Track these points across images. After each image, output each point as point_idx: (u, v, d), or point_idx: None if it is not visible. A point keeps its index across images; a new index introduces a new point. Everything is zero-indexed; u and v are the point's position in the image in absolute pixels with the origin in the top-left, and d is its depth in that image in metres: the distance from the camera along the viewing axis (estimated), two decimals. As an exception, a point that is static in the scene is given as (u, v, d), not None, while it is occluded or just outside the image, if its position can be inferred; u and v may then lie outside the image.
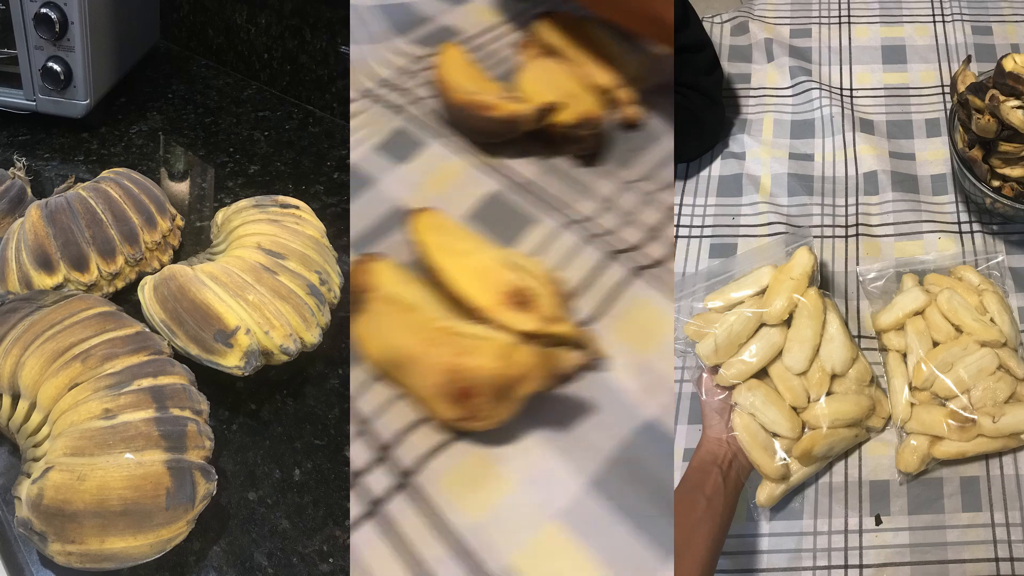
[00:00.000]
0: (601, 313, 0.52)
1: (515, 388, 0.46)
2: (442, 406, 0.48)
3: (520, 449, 0.48)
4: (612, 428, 0.48)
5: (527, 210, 0.57)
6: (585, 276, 0.53)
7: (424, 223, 0.54)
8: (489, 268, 0.51)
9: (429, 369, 0.48)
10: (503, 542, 0.45)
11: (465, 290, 0.50)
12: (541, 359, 0.47)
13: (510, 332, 0.48)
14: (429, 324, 0.49)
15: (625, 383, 0.49)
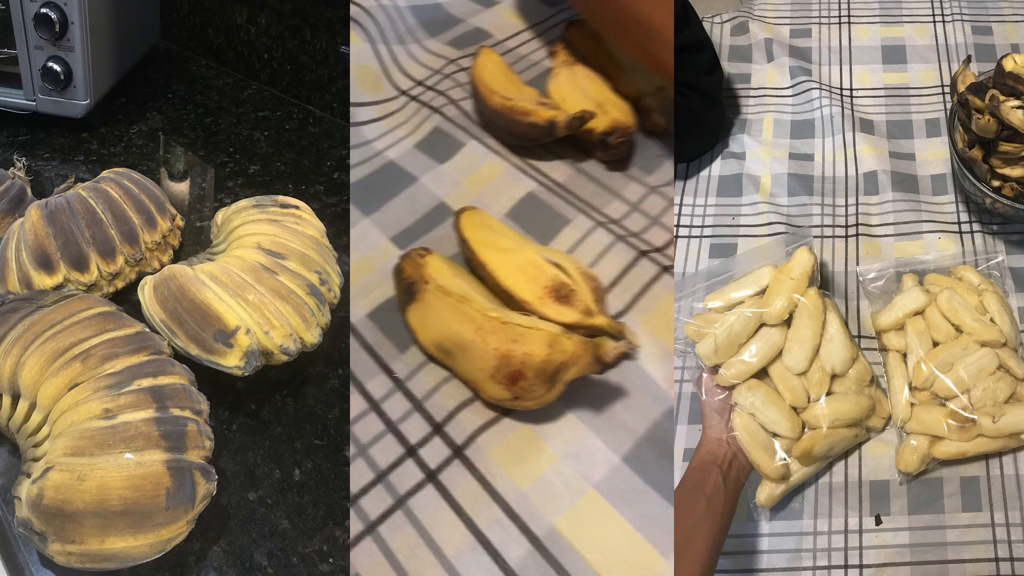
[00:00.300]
0: (630, 307, 0.57)
1: (561, 373, 0.51)
2: (493, 387, 0.53)
3: (561, 427, 0.53)
4: (643, 410, 0.53)
5: (561, 210, 0.62)
6: (616, 273, 0.59)
7: (470, 221, 0.58)
8: (532, 264, 0.55)
9: (483, 354, 0.52)
10: (547, 508, 0.51)
11: (511, 284, 0.55)
12: (586, 348, 0.51)
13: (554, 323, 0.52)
14: (482, 313, 0.53)
15: (653, 371, 0.55)
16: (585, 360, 0.52)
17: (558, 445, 0.53)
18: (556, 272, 0.55)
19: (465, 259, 0.58)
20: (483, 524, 0.51)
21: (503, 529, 0.51)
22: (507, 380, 0.52)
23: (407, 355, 0.57)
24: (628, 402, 0.54)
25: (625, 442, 0.53)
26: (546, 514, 0.51)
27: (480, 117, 0.71)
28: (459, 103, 0.73)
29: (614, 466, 0.52)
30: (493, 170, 0.66)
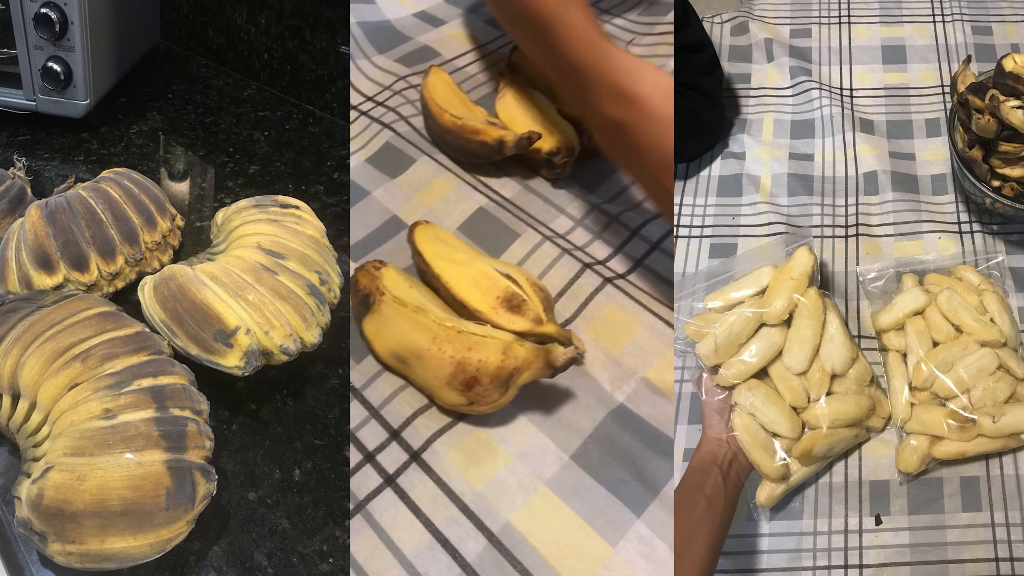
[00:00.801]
0: (576, 315, 0.60)
1: (514, 378, 0.54)
2: (450, 393, 0.55)
3: (514, 429, 0.56)
4: (589, 411, 0.57)
5: (511, 224, 0.65)
6: (563, 284, 0.62)
7: (424, 234, 0.60)
8: (485, 275, 0.58)
9: (439, 362, 0.55)
10: (502, 506, 0.54)
11: (465, 295, 0.57)
12: (537, 354, 0.54)
13: (507, 332, 0.55)
14: (438, 323, 0.55)
15: (598, 374, 0.58)
16: (537, 365, 0.54)
17: (511, 446, 0.56)
18: (508, 283, 0.57)
19: (419, 271, 0.60)
20: (441, 523, 0.53)
21: (460, 527, 0.53)
22: (463, 386, 0.54)
23: (363, 365, 0.60)
24: (575, 404, 0.57)
25: (573, 441, 0.56)
26: (501, 511, 0.54)
27: (431, 134, 0.74)
28: (409, 120, 0.77)
29: (564, 464, 0.55)
30: (444, 185, 0.68)
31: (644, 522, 0.53)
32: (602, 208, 0.66)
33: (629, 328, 0.59)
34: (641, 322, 0.60)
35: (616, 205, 0.66)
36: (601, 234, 0.64)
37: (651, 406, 0.57)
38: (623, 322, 0.59)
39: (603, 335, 0.59)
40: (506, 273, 0.58)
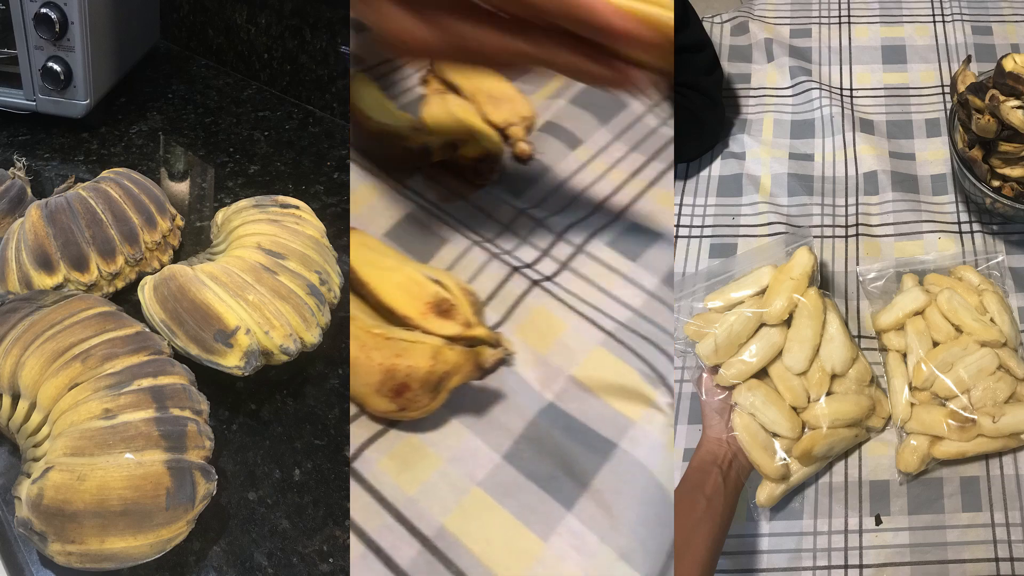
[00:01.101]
0: (505, 319, 0.61)
1: (445, 382, 0.55)
2: (379, 400, 0.55)
3: (445, 433, 0.57)
4: (519, 411, 0.57)
5: (439, 230, 0.66)
6: (492, 288, 0.63)
7: (351, 242, 0.60)
8: (413, 281, 0.58)
9: (368, 369, 0.55)
10: (434, 509, 0.54)
11: (392, 302, 0.57)
12: (467, 356, 0.55)
13: (436, 336, 0.56)
14: (366, 331, 0.55)
15: (527, 374, 0.59)
16: (467, 368, 0.55)
17: (442, 450, 0.57)
18: (436, 288, 0.58)
19: (348, 278, 0.60)
20: (373, 531, 0.53)
21: (393, 534, 0.53)
22: (393, 393, 0.55)
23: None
24: (506, 404, 0.58)
25: (504, 441, 0.57)
26: (434, 515, 0.54)
27: (356, 140, 0.73)
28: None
29: (496, 464, 0.56)
30: (370, 192, 0.68)
31: (575, 516, 0.54)
32: (528, 212, 0.67)
33: (556, 328, 0.60)
34: (567, 322, 0.60)
35: (541, 210, 0.67)
36: (528, 238, 0.65)
37: (579, 402, 0.57)
38: (550, 323, 0.60)
39: (531, 336, 0.60)
40: (435, 278, 0.59)
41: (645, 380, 0.58)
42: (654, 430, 0.56)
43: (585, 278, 0.62)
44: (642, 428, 0.56)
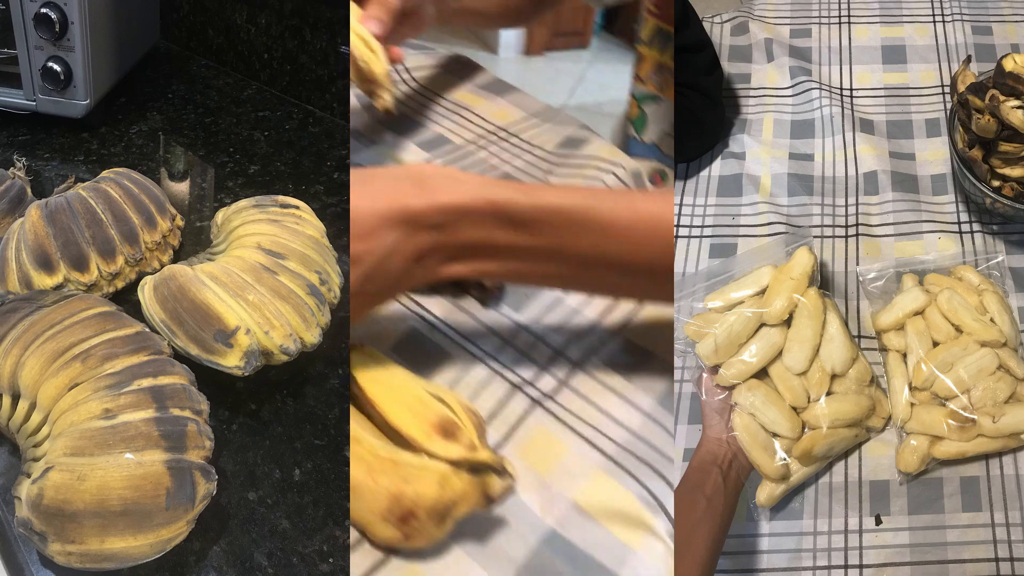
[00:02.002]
0: (507, 439, 0.61)
1: (451, 511, 0.53)
2: (384, 528, 0.54)
3: (447, 562, 0.55)
4: (521, 539, 0.56)
5: (442, 345, 0.66)
6: (493, 406, 0.62)
7: (358, 358, 0.59)
8: (419, 400, 0.57)
9: (374, 495, 0.53)
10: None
11: (399, 422, 0.56)
12: (475, 486, 0.54)
13: (443, 460, 0.54)
14: (371, 453, 0.54)
15: (529, 499, 0.58)
16: (474, 497, 0.54)
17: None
18: (442, 408, 0.57)
19: (351, 396, 0.59)
20: None
21: None
22: (398, 520, 0.53)
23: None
24: (509, 532, 0.57)
25: (507, 571, 0.55)
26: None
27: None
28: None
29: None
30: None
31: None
32: (529, 329, 0.67)
33: (556, 450, 0.60)
34: (568, 444, 0.60)
35: (541, 326, 0.68)
36: (528, 354, 0.65)
37: (580, 530, 0.56)
38: (551, 444, 0.60)
39: (532, 457, 0.60)
40: (439, 396, 0.58)
41: (644, 506, 0.57)
42: (654, 561, 0.55)
43: (584, 397, 0.63)
44: (641, 558, 0.55)
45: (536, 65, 2.97)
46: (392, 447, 0.55)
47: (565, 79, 2.91)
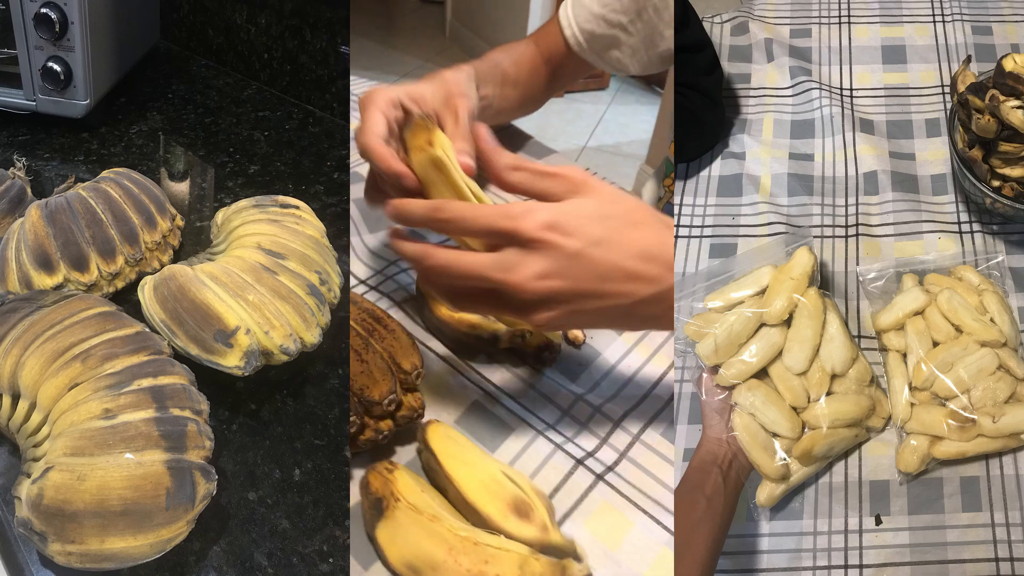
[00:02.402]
0: (571, 511, 0.61)
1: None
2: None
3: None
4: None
5: (504, 419, 0.66)
6: (557, 481, 0.62)
7: (436, 433, 0.60)
8: (493, 479, 0.58)
9: (455, 575, 0.53)
10: None
11: (477, 500, 0.57)
12: (554, 570, 0.54)
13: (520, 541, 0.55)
14: (453, 533, 0.54)
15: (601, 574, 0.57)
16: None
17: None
18: (515, 488, 0.57)
19: (428, 470, 0.60)
20: None
21: None
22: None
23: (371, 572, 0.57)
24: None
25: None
26: None
27: (426, 323, 0.73)
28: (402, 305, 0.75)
29: None
30: (440, 378, 0.69)
31: None
32: (585, 399, 0.68)
33: (623, 526, 0.60)
34: (634, 520, 0.60)
35: (597, 395, 0.68)
36: (587, 424, 0.65)
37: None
38: (617, 520, 0.60)
39: (600, 532, 0.59)
40: (510, 476, 0.58)
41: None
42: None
43: (644, 469, 0.63)
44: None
45: (556, 107, 2.96)
46: (470, 527, 0.56)
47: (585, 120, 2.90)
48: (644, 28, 0.84)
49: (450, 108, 0.68)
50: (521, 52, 0.86)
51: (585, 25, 0.85)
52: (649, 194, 0.99)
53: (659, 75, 2.72)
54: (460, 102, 0.68)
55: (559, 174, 0.56)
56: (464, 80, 0.73)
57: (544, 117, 2.80)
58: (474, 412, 0.66)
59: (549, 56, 0.88)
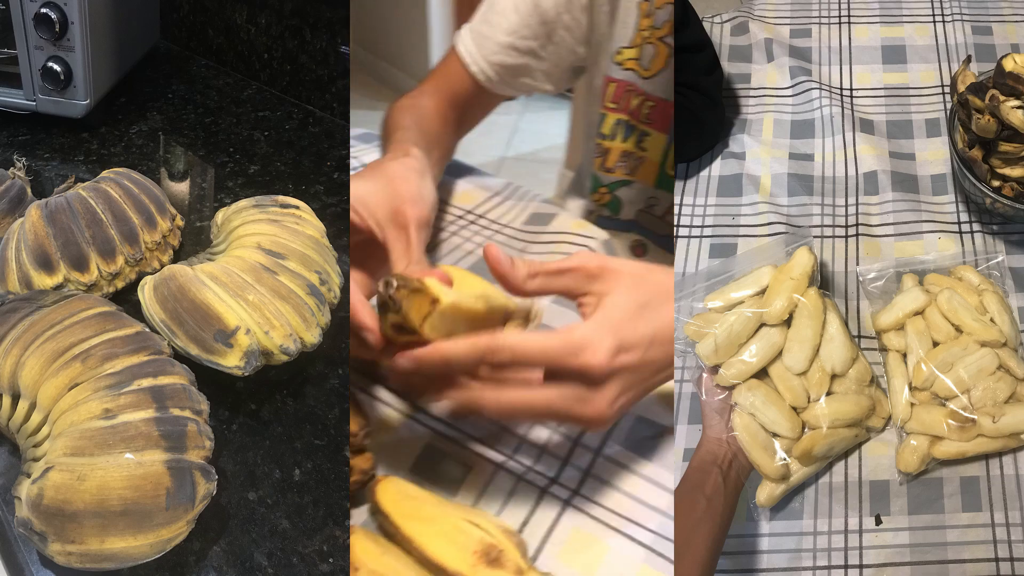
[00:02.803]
0: (543, 545, 0.58)
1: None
2: None
3: None
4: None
5: (459, 457, 0.62)
6: (525, 515, 0.59)
7: (387, 494, 0.56)
8: (457, 530, 0.54)
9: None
10: None
11: (442, 557, 0.53)
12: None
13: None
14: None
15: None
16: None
17: None
18: (481, 534, 0.54)
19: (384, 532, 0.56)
20: None
21: None
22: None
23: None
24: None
25: None
26: None
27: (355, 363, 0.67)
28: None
29: None
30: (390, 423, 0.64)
31: None
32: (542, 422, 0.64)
33: (598, 552, 0.57)
34: (608, 543, 0.57)
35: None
36: (546, 448, 0.62)
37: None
38: (591, 546, 0.57)
39: (576, 563, 0.57)
40: (474, 522, 0.55)
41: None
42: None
43: (611, 485, 0.60)
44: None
45: (468, 121, 2.94)
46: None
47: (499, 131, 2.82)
48: (556, 50, 0.82)
49: (398, 223, 0.62)
50: (423, 108, 0.81)
51: (493, 58, 0.81)
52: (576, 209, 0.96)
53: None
54: (410, 212, 0.62)
55: (574, 268, 0.55)
56: (415, 180, 0.66)
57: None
58: (428, 456, 0.62)
59: (454, 99, 0.83)
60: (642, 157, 0.84)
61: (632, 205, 0.87)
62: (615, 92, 0.83)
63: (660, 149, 0.83)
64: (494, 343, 0.52)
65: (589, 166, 0.90)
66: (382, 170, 0.66)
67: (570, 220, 0.83)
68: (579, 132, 1.00)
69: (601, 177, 0.88)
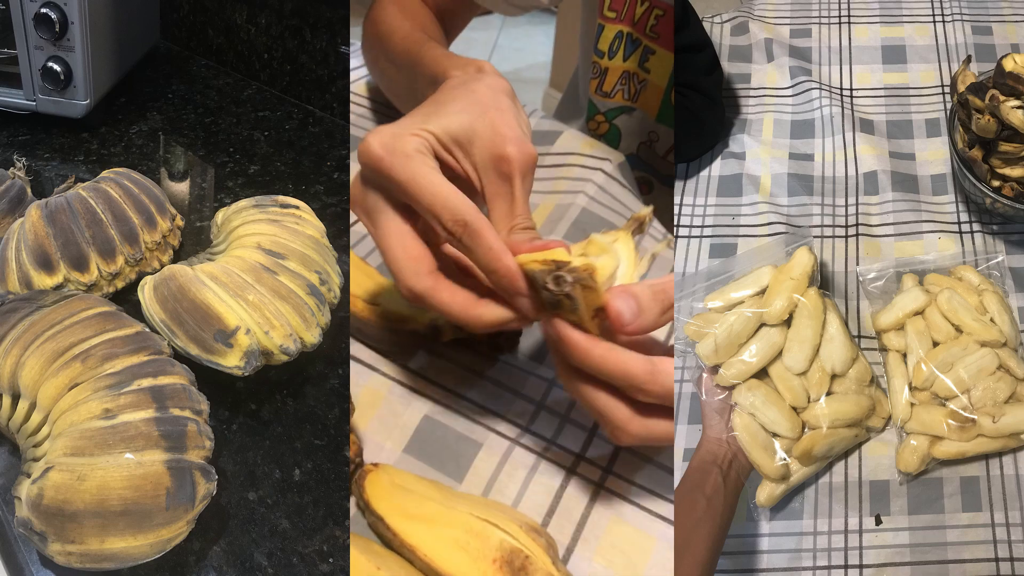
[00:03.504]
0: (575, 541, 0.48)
1: None
2: None
3: None
4: None
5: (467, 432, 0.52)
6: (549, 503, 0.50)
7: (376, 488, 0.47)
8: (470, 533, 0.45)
9: None
10: None
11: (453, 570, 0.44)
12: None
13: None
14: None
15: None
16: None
17: None
18: (501, 536, 0.44)
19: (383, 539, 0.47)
20: None
21: None
22: None
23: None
24: None
25: None
26: None
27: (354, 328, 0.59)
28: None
29: None
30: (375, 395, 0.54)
31: None
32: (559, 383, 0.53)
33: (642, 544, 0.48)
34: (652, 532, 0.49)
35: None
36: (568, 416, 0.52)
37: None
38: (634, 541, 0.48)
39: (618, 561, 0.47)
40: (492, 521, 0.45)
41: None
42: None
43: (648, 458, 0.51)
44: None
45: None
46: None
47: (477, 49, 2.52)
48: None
49: (501, 171, 0.51)
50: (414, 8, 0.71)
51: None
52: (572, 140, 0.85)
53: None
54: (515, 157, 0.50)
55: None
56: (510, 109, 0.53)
57: (434, 50, 2.65)
58: (425, 433, 0.52)
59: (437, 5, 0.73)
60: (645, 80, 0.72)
61: (632, 137, 0.75)
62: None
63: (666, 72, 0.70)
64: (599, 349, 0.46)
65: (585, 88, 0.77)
66: (470, 93, 0.53)
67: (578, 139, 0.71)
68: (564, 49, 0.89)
69: (598, 103, 0.76)
